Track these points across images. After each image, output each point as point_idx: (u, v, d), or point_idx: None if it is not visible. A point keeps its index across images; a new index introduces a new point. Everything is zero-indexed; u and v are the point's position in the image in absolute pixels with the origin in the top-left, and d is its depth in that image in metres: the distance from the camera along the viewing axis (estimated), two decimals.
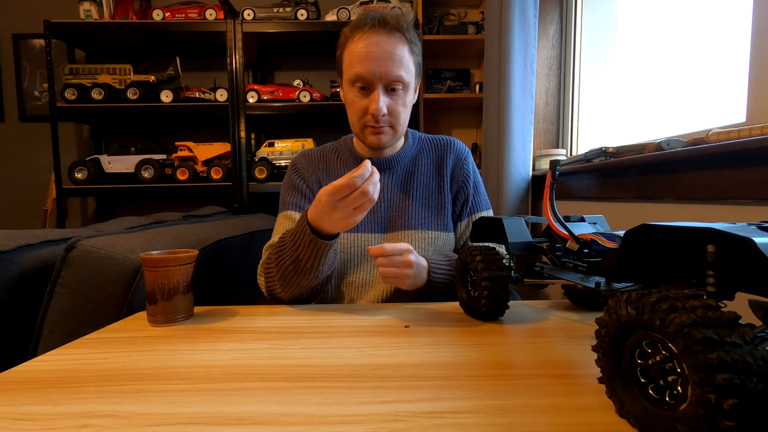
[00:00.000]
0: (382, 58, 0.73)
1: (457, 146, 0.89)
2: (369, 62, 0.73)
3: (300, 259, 0.66)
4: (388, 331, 0.54)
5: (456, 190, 0.87)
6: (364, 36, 0.74)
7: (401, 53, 0.74)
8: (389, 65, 0.73)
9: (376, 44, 0.73)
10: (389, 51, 0.73)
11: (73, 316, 0.69)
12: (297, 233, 0.66)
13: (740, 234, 0.28)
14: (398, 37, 0.74)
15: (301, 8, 2.02)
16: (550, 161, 0.53)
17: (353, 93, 0.77)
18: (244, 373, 0.41)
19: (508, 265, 0.56)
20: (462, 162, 0.88)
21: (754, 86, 0.80)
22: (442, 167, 0.87)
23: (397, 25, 0.74)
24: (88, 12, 2.02)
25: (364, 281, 0.80)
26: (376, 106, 0.74)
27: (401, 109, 0.78)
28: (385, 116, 0.76)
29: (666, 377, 0.28)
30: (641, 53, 1.34)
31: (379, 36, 0.73)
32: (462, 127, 2.37)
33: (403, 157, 0.86)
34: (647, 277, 0.38)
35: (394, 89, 0.75)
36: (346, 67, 0.77)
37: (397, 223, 0.82)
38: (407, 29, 0.76)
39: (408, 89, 0.78)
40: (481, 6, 2.20)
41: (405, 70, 0.75)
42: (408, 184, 0.85)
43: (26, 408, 0.35)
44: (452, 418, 0.32)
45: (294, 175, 0.86)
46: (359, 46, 0.74)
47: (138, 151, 2.18)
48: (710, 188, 0.78)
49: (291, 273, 0.67)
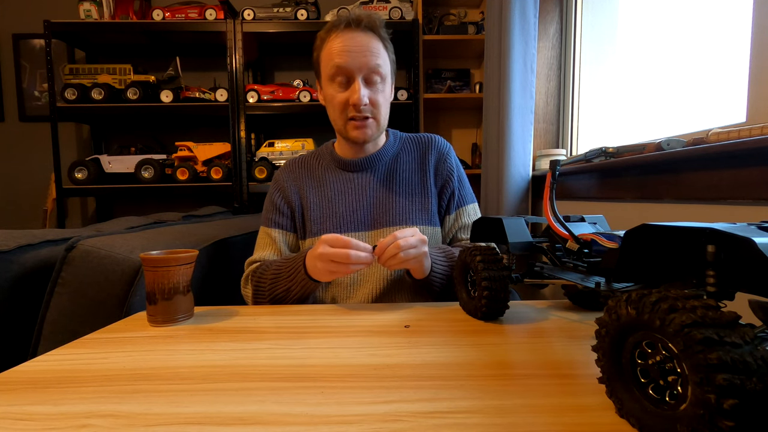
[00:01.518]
0: (360, 51, 0.76)
1: (438, 142, 0.91)
2: (347, 54, 0.76)
3: (291, 290, 0.72)
4: (388, 331, 0.54)
5: (441, 185, 0.88)
6: (340, 34, 0.77)
7: (377, 47, 0.78)
8: (367, 56, 0.77)
9: (352, 38, 0.77)
10: (366, 44, 0.77)
11: (73, 316, 0.69)
12: (293, 270, 0.71)
13: (740, 234, 0.28)
14: (372, 34, 0.78)
15: (301, 8, 2.02)
16: (550, 161, 0.53)
17: (333, 88, 0.79)
18: (244, 373, 0.41)
19: (508, 265, 0.56)
20: (445, 157, 0.89)
21: (754, 86, 0.80)
22: (424, 163, 0.88)
23: (370, 23, 0.78)
24: (88, 12, 2.02)
25: (352, 280, 0.81)
26: (358, 95, 0.76)
27: (382, 101, 0.80)
28: (367, 106, 0.78)
29: (666, 377, 0.28)
30: (641, 53, 1.34)
31: (354, 32, 0.77)
32: (462, 127, 2.37)
33: (384, 155, 0.88)
34: (647, 277, 0.38)
35: (373, 81, 0.78)
36: (324, 65, 0.80)
37: (382, 220, 0.83)
38: (380, 27, 0.80)
39: (386, 82, 0.81)
40: (481, 6, 2.20)
41: (382, 60, 0.79)
42: (390, 180, 0.86)
43: (26, 408, 0.35)
44: (452, 418, 0.32)
45: (275, 192, 0.88)
46: (336, 42, 0.77)
47: (138, 151, 2.18)
48: (710, 188, 0.78)
49: (282, 297, 0.73)
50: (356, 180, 0.85)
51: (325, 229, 0.82)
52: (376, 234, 0.83)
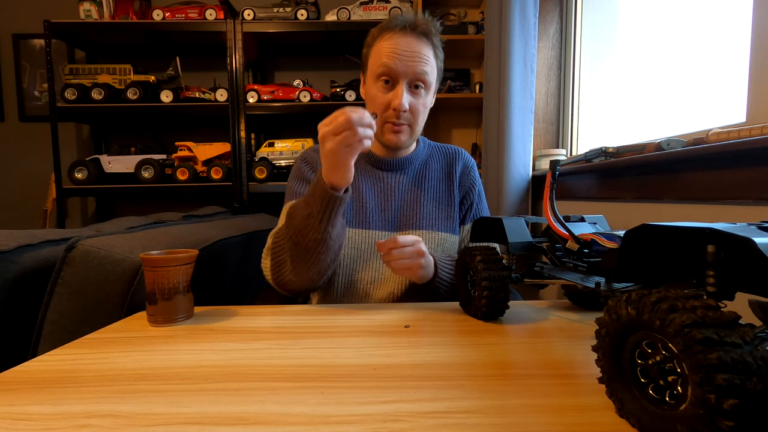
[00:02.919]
0: (410, 55, 0.76)
1: (464, 155, 0.93)
2: (397, 56, 0.76)
3: (312, 215, 0.65)
4: (388, 331, 0.54)
5: (462, 195, 0.89)
6: (393, 35, 0.77)
7: (428, 54, 0.78)
8: (416, 61, 0.76)
9: (405, 43, 0.76)
10: (417, 50, 0.76)
11: (73, 316, 0.69)
12: (310, 190, 0.67)
13: (740, 234, 0.28)
14: (426, 41, 0.78)
15: (301, 8, 2.02)
16: (550, 161, 0.53)
17: (377, 88, 0.79)
18: (244, 373, 0.41)
19: (508, 265, 0.56)
20: (469, 170, 0.91)
21: (754, 86, 0.80)
22: (451, 172, 0.89)
23: (426, 29, 0.78)
24: (88, 12, 2.02)
25: (374, 278, 0.81)
26: (399, 100, 0.76)
27: (421, 109, 0.80)
28: (406, 113, 0.78)
29: (666, 377, 0.28)
30: (641, 53, 1.34)
31: (408, 37, 0.77)
32: (462, 127, 2.37)
33: (414, 159, 0.88)
34: (647, 277, 0.38)
35: (417, 87, 0.78)
36: (372, 62, 0.80)
37: (409, 222, 0.83)
38: (435, 35, 0.79)
39: (429, 90, 0.81)
40: (481, 6, 2.20)
41: (430, 69, 0.78)
42: (419, 185, 0.86)
43: (26, 408, 0.35)
44: (452, 418, 0.32)
45: (304, 165, 0.85)
46: (389, 42, 0.77)
47: (138, 151, 2.18)
48: (710, 188, 0.78)
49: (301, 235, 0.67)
50: (387, 179, 0.86)
51: (352, 222, 0.81)
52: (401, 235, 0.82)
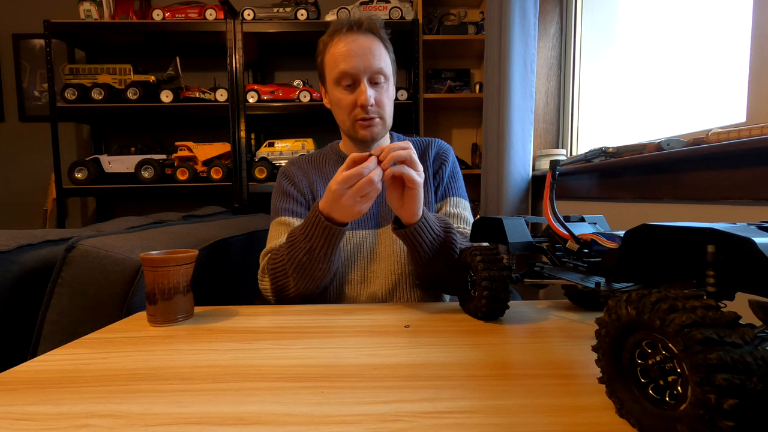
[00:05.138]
0: (363, 54, 0.78)
1: (439, 142, 0.93)
2: (352, 58, 0.77)
3: (314, 249, 0.68)
4: (388, 331, 0.54)
5: (433, 173, 0.89)
6: (342, 38, 0.79)
7: (379, 49, 0.80)
8: (371, 59, 0.78)
9: (355, 41, 0.78)
10: (368, 47, 0.78)
11: (73, 316, 0.69)
12: (308, 225, 0.68)
13: (740, 234, 0.28)
14: (373, 37, 0.80)
15: (301, 8, 2.02)
16: (550, 161, 0.53)
17: (339, 92, 0.81)
18: (244, 373, 0.41)
19: (508, 265, 0.56)
20: (443, 152, 0.91)
21: (754, 86, 0.80)
22: (424, 160, 0.89)
23: (371, 26, 0.80)
24: (88, 12, 2.02)
25: (361, 278, 0.81)
26: (365, 96, 0.78)
27: (386, 101, 0.82)
28: (374, 107, 0.80)
29: (666, 377, 0.28)
30: (641, 53, 1.34)
31: (356, 35, 0.79)
32: (462, 127, 2.37)
33: None
34: (647, 277, 0.38)
35: (378, 82, 0.80)
36: (329, 69, 0.81)
37: (389, 218, 0.83)
38: (380, 28, 0.81)
39: (389, 82, 0.83)
40: (481, 6, 2.20)
41: (385, 62, 0.80)
42: None
43: (26, 408, 0.35)
44: (452, 418, 0.32)
45: (284, 181, 0.87)
46: (339, 46, 0.79)
47: (138, 151, 2.18)
48: (710, 188, 0.78)
49: (305, 264, 0.69)
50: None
51: None
52: (383, 232, 0.83)
